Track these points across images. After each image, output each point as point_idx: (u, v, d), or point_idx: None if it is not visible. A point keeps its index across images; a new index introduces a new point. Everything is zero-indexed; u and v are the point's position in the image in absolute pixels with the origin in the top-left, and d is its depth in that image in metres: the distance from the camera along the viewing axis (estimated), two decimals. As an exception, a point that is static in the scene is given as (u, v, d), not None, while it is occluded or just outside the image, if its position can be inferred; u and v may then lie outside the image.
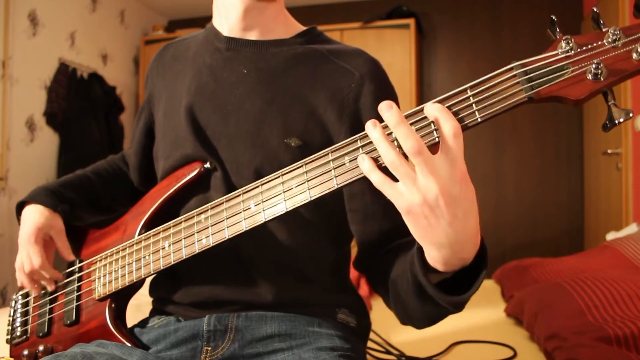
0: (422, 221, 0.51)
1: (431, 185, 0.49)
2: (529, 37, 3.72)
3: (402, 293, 0.66)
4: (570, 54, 0.51)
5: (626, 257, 1.57)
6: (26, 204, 0.86)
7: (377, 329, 1.41)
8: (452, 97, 0.53)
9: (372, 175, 0.53)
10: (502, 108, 0.52)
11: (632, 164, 2.64)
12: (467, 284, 0.57)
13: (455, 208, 0.50)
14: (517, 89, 0.52)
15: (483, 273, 0.57)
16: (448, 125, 0.50)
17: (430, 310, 0.62)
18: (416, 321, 0.68)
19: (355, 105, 0.75)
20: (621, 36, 0.50)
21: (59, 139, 3.31)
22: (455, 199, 0.50)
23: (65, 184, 0.90)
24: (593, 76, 0.50)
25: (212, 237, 0.68)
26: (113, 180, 0.97)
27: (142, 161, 0.92)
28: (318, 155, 0.60)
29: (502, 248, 3.74)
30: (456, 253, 0.53)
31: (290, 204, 0.61)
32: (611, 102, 0.51)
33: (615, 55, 0.50)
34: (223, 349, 0.74)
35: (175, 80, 0.84)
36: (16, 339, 0.88)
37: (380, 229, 0.75)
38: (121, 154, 1.02)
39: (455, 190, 0.50)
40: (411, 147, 0.49)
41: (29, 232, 0.82)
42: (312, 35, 0.82)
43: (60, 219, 0.85)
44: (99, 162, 1.00)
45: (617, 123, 0.50)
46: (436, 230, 0.51)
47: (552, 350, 1.10)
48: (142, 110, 0.92)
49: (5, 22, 2.88)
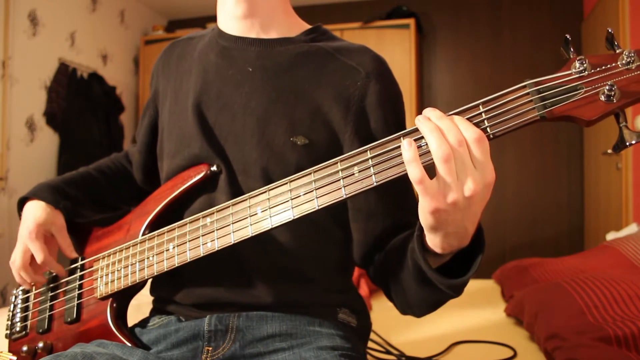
0: (442, 216, 0.52)
1: (471, 185, 0.50)
2: (529, 37, 3.72)
3: (402, 280, 0.68)
4: (584, 74, 0.52)
5: (626, 257, 1.57)
6: (28, 199, 0.86)
7: (377, 329, 1.41)
8: (464, 112, 0.54)
9: (412, 165, 0.51)
10: (514, 125, 0.52)
11: (632, 164, 2.64)
12: (464, 268, 0.59)
13: (478, 207, 0.52)
14: (530, 107, 0.52)
15: (480, 256, 0.58)
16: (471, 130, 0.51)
17: (430, 295, 0.64)
18: (416, 308, 0.70)
19: (360, 104, 0.75)
20: (635, 59, 0.50)
21: (59, 139, 3.31)
22: (482, 199, 0.52)
23: (68, 181, 0.90)
24: (606, 97, 0.50)
25: (218, 241, 0.68)
26: (116, 178, 0.96)
27: (146, 159, 0.92)
28: (327, 164, 0.60)
29: (502, 248, 3.74)
30: (459, 239, 0.55)
31: (297, 211, 0.61)
32: (623, 124, 0.51)
33: (628, 78, 0.50)
34: (224, 349, 0.74)
35: (181, 79, 0.84)
36: (15, 334, 0.88)
37: (384, 226, 0.76)
38: (125, 152, 1.01)
39: (485, 190, 0.51)
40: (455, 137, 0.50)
41: (30, 228, 0.82)
42: (317, 33, 0.82)
43: (61, 215, 0.85)
44: (102, 160, 0.99)
45: (628, 145, 0.50)
46: (452, 223, 0.53)
47: (552, 350, 1.10)
48: (146, 108, 0.92)
49: (5, 22, 2.88)
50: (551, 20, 3.67)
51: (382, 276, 0.75)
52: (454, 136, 0.50)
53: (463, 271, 0.59)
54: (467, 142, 0.50)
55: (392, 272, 0.71)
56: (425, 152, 0.53)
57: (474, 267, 0.58)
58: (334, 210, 0.79)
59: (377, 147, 0.57)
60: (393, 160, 0.56)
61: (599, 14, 3.10)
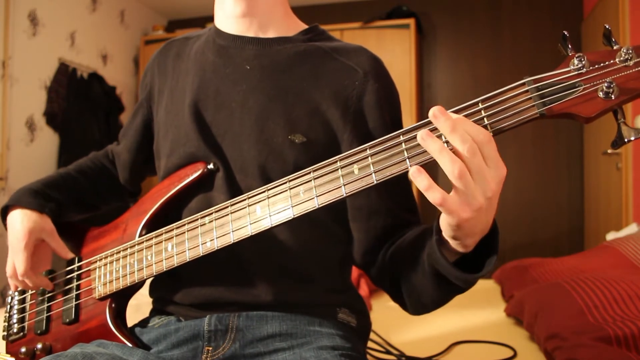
0: (471, 223, 0.53)
1: (490, 186, 0.51)
2: (529, 37, 3.72)
3: (417, 284, 0.68)
4: (582, 71, 0.52)
5: (626, 257, 1.57)
6: (11, 208, 0.84)
7: (377, 329, 1.41)
8: (463, 110, 0.54)
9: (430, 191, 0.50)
10: (514, 123, 0.52)
11: (632, 164, 2.64)
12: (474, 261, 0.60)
13: (496, 200, 0.53)
14: (529, 104, 0.52)
15: (497, 237, 0.59)
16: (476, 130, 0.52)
17: (448, 293, 0.65)
18: (430, 306, 0.70)
19: (359, 103, 0.75)
20: (633, 55, 0.50)
21: (59, 139, 3.31)
22: (499, 191, 0.52)
23: (49, 184, 0.88)
24: (604, 94, 0.50)
25: (217, 240, 0.67)
26: (96, 178, 0.95)
27: (135, 158, 0.91)
28: (326, 162, 0.60)
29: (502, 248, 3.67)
30: (483, 233, 0.56)
31: (297, 210, 0.61)
32: (621, 120, 0.51)
33: (627, 75, 0.50)
34: (224, 349, 0.74)
35: (177, 78, 0.84)
36: (12, 335, 0.87)
37: (385, 225, 0.76)
38: (105, 151, 0.99)
39: (500, 185, 0.52)
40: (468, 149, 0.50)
41: (19, 238, 0.80)
42: (315, 33, 0.83)
43: (49, 219, 0.84)
44: (82, 160, 0.97)
45: (626, 141, 0.50)
46: (479, 225, 0.53)
47: (552, 350, 1.10)
48: (138, 107, 0.91)
49: (5, 22, 2.88)
50: (551, 20, 3.66)
51: (389, 280, 0.75)
52: (468, 148, 0.50)
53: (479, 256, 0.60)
54: (479, 147, 0.50)
55: (404, 277, 0.70)
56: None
57: (493, 259, 0.59)
58: (334, 209, 0.78)
59: (376, 145, 0.57)
60: (393, 159, 0.56)
61: (599, 14, 3.10)
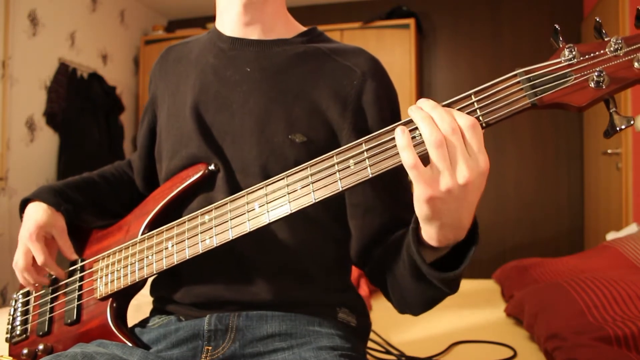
0: (437, 204, 0.52)
1: (465, 172, 0.50)
2: (529, 37, 3.72)
3: (399, 276, 0.68)
4: (572, 62, 0.52)
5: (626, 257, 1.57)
6: (30, 201, 0.86)
7: (377, 329, 1.41)
8: (456, 102, 0.54)
9: (406, 151, 0.51)
10: (506, 114, 0.53)
11: (632, 164, 2.64)
12: (460, 263, 0.59)
13: (473, 197, 0.52)
14: (521, 95, 0.53)
15: (474, 248, 0.58)
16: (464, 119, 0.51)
17: (425, 290, 0.64)
18: (413, 306, 0.70)
19: (358, 101, 0.76)
20: (623, 45, 0.51)
21: (59, 139, 3.31)
22: (477, 188, 0.52)
23: (71, 185, 0.90)
24: (595, 84, 0.51)
25: (216, 237, 0.68)
26: (119, 185, 0.96)
27: (146, 164, 0.92)
28: (323, 157, 0.60)
29: (502, 248, 3.74)
30: (454, 231, 0.55)
31: (294, 205, 0.61)
32: (612, 109, 0.52)
33: (617, 64, 0.51)
34: (224, 349, 0.74)
35: (178, 81, 0.85)
36: (16, 337, 0.88)
37: (381, 222, 0.76)
38: (128, 160, 1.02)
39: (480, 179, 0.52)
40: (448, 125, 0.50)
41: (30, 230, 0.82)
42: (313, 35, 0.84)
43: (62, 218, 0.85)
44: (106, 167, 1.00)
45: (618, 130, 0.51)
46: (447, 213, 0.53)
47: (552, 350, 1.10)
48: (145, 113, 0.92)
49: (5, 22, 2.88)
50: (551, 20, 3.66)
51: (379, 274, 0.76)
52: (447, 124, 0.50)
53: (459, 266, 0.59)
54: (461, 130, 0.51)
55: (389, 269, 0.71)
56: (420, 143, 0.53)
57: (467, 260, 0.58)
58: (333, 207, 0.79)
59: (372, 139, 0.57)
60: (388, 152, 0.56)
61: (599, 14, 3.10)
